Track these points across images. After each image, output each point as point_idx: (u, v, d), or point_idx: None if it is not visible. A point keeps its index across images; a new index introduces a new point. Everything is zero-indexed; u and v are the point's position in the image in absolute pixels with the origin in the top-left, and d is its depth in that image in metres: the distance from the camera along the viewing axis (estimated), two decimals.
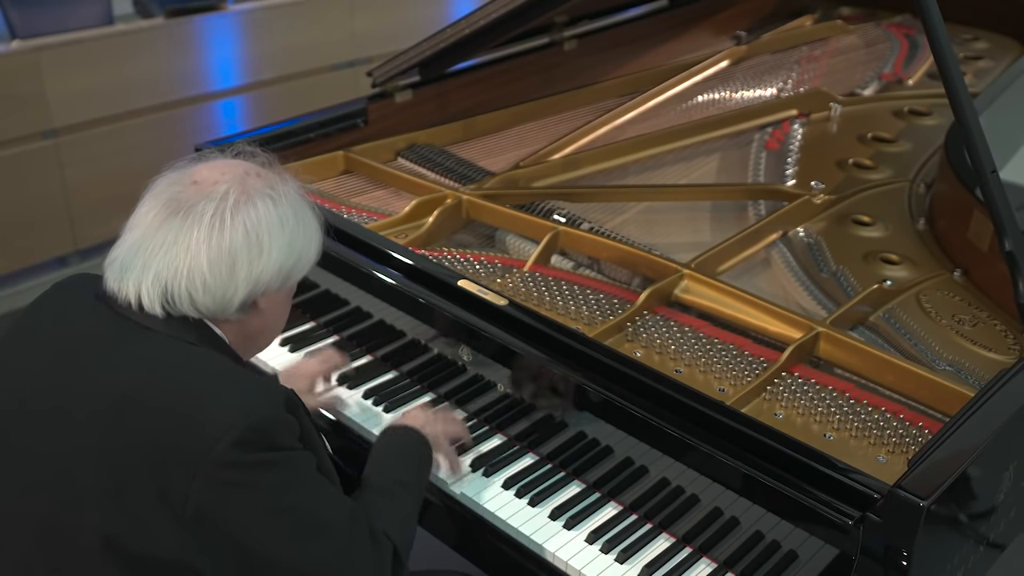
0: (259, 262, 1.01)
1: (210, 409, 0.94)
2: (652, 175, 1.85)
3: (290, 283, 1.07)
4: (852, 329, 1.38)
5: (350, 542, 1.01)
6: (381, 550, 1.04)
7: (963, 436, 1.07)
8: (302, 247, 1.06)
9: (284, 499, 0.97)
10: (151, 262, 0.99)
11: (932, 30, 1.24)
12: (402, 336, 1.46)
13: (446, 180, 1.77)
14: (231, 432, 0.92)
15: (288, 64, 3.39)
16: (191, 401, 0.95)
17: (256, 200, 1.02)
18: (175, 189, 1.01)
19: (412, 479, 1.16)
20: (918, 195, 1.78)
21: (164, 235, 0.99)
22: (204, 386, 0.97)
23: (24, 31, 2.85)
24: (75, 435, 0.98)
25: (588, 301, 1.43)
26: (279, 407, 0.98)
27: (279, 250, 1.02)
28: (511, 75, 2.09)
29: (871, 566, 1.01)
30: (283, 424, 0.97)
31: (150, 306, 1.00)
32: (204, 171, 1.03)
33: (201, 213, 0.99)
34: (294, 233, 1.04)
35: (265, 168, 1.07)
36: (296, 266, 1.06)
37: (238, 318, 1.04)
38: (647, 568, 1.15)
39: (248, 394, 0.97)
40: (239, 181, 1.02)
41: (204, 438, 0.93)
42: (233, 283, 1.00)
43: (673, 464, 1.17)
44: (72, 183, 2.95)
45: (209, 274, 0.99)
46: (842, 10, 2.64)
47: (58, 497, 0.98)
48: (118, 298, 1.01)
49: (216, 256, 0.99)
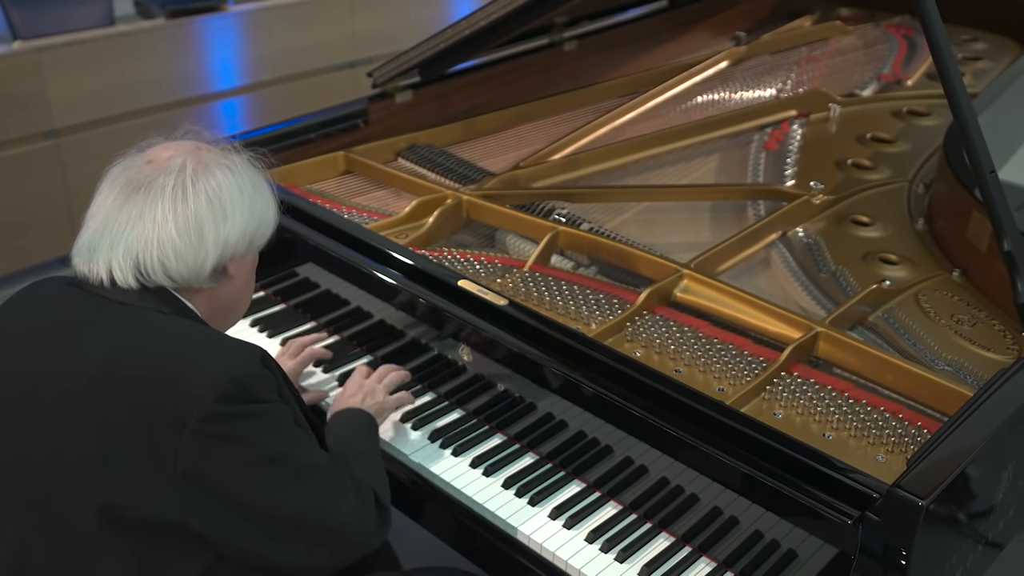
0: (224, 226, 1.05)
1: (191, 369, 0.97)
2: (652, 175, 1.85)
3: (254, 247, 1.12)
4: (851, 329, 1.39)
5: (335, 487, 1.05)
6: (364, 494, 1.08)
7: (962, 436, 1.07)
8: (262, 211, 1.11)
9: (269, 449, 1.00)
10: (119, 239, 1.02)
11: (931, 31, 1.24)
12: (402, 336, 1.46)
13: (446, 180, 1.77)
14: (214, 388, 0.96)
15: (289, 65, 3.39)
16: (172, 364, 0.98)
17: (214, 169, 1.06)
18: (130, 172, 1.05)
19: (368, 448, 1.20)
20: (917, 195, 1.79)
21: (128, 212, 1.02)
22: (183, 349, 1.00)
23: (26, 32, 2.85)
24: (59, 410, 1.00)
25: (588, 301, 1.43)
26: (257, 363, 1.01)
27: (242, 214, 1.07)
28: (511, 76, 2.09)
29: (870, 565, 1.01)
30: (262, 379, 1.01)
31: (123, 280, 1.03)
32: (156, 151, 1.08)
33: (162, 186, 1.03)
34: (253, 199, 1.09)
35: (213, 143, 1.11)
36: (259, 230, 1.10)
37: (210, 286, 1.07)
38: (647, 567, 1.15)
39: (227, 352, 1.00)
40: (193, 154, 1.07)
41: (188, 397, 0.95)
42: (204, 248, 1.04)
43: (673, 463, 1.18)
44: (73, 183, 2.96)
45: (180, 241, 1.02)
46: (841, 11, 2.64)
47: (48, 473, 0.99)
48: (89, 279, 1.04)
49: (184, 223, 1.02)
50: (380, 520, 1.10)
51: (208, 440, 0.96)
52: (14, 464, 1.02)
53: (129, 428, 0.96)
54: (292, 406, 1.08)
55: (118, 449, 0.96)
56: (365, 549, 1.10)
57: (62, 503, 0.99)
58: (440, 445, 1.33)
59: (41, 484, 1.00)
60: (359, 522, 1.07)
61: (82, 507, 0.98)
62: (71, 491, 0.98)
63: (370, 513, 1.08)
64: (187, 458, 0.95)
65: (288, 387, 1.11)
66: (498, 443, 1.33)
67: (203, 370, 0.97)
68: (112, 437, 0.97)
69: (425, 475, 1.29)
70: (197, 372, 0.97)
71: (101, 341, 1.00)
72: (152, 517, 0.97)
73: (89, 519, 0.97)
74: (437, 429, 1.36)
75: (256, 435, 0.99)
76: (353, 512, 1.06)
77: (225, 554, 1.01)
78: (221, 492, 0.98)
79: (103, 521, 0.97)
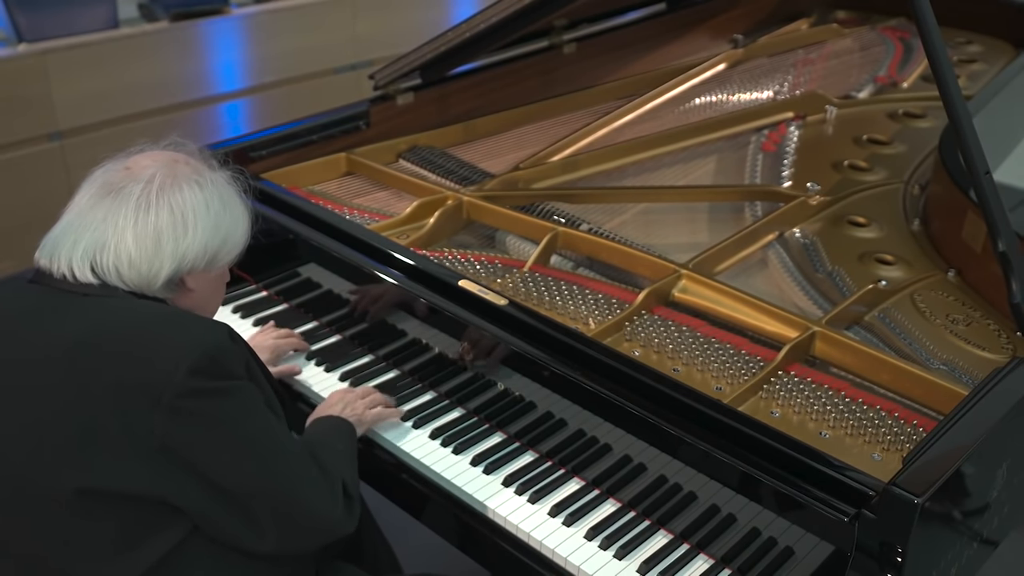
0: (184, 240, 1.07)
1: (162, 345, 0.99)
2: (650, 177, 1.86)
3: (218, 264, 1.13)
4: (847, 328, 1.40)
5: (302, 470, 1.07)
6: (332, 482, 1.10)
7: (957, 434, 1.08)
8: (228, 230, 1.12)
9: (239, 427, 1.02)
10: (81, 238, 1.05)
11: (926, 33, 1.25)
12: (403, 335, 1.47)
13: (447, 182, 1.78)
14: (186, 361, 0.97)
15: (291, 67, 3.41)
16: (142, 342, 1.00)
17: (183, 184, 1.08)
18: (108, 175, 1.09)
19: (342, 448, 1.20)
20: (913, 196, 1.80)
21: (95, 214, 1.06)
22: (152, 327, 1.02)
23: (31, 35, 2.86)
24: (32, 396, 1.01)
25: (587, 301, 1.44)
26: (226, 337, 1.03)
27: (204, 230, 1.08)
28: (511, 78, 2.10)
29: (866, 562, 1.02)
30: (232, 352, 1.03)
31: (83, 276, 1.05)
32: (137, 159, 1.11)
33: (129, 193, 1.06)
34: (219, 216, 1.10)
35: (194, 158, 1.14)
36: (222, 247, 1.11)
37: (165, 295, 1.09)
38: (645, 564, 1.16)
39: (196, 327, 1.03)
40: (167, 166, 1.09)
41: (160, 372, 0.97)
42: (159, 258, 1.06)
43: (671, 461, 1.19)
44: (77, 185, 2.95)
45: (135, 249, 1.05)
46: (838, 14, 2.65)
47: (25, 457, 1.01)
48: (52, 272, 1.07)
49: (142, 233, 1.05)
50: (348, 509, 1.11)
51: (182, 415, 0.98)
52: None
53: (103, 407, 0.98)
54: (259, 379, 1.09)
55: (93, 429, 0.98)
56: (331, 536, 1.11)
57: (40, 485, 1.00)
58: (441, 443, 1.34)
59: (18, 468, 1.01)
60: (325, 508, 1.08)
61: (60, 488, 0.99)
62: (48, 474, 0.99)
63: (338, 500, 1.10)
64: (162, 433, 0.97)
65: (255, 361, 1.12)
66: (498, 441, 1.34)
67: (173, 344, 0.99)
68: (86, 418, 0.98)
69: (426, 473, 1.30)
70: (168, 347, 0.99)
71: (69, 326, 1.02)
72: (129, 492, 0.99)
73: (67, 497, 0.99)
74: (437, 427, 1.37)
75: (227, 412, 1.01)
76: (319, 497, 1.07)
77: (201, 527, 1.03)
78: (194, 467, 0.99)
79: (81, 499, 0.99)
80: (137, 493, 0.99)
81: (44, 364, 1.01)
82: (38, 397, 1.01)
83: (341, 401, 1.31)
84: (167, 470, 0.99)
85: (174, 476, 0.99)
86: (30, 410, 1.01)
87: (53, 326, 1.03)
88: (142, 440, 0.97)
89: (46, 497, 1.00)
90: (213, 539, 1.05)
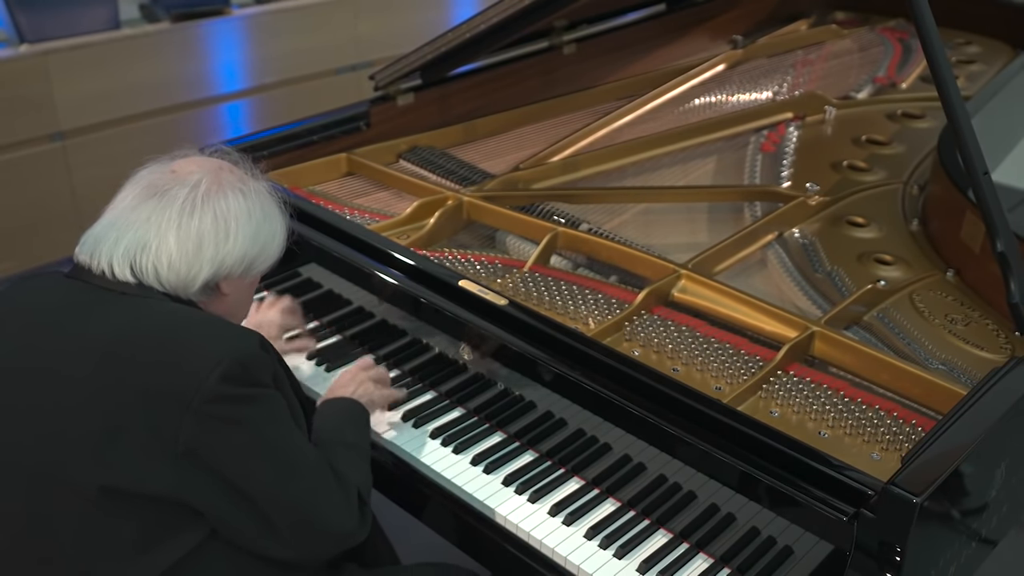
0: (225, 246, 1.08)
1: (194, 350, 1.00)
2: (650, 177, 1.87)
3: (253, 272, 1.14)
4: (846, 328, 1.40)
5: (321, 481, 1.07)
6: (347, 489, 1.10)
7: (956, 434, 1.08)
8: (266, 239, 1.13)
9: (264, 434, 1.03)
10: (123, 236, 1.06)
11: (925, 34, 1.26)
12: (403, 335, 1.48)
13: (447, 182, 1.79)
14: (218, 367, 0.98)
15: (292, 68, 3.41)
16: (174, 346, 1.01)
17: (227, 191, 1.09)
18: (154, 176, 1.10)
19: (356, 440, 1.21)
20: (912, 197, 1.80)
21: (139, 214, 1.06)
22: (184, 331, 1.03)
23: (32, 35, 2.87)
24: (62, 392, 1.02)
25: (587, 301, 1.45)
26: (256, 346, 1.04)
27: (245, 238, 1.10)
28: (511, 79, 2.11)
29: (865, 561, 1.02)
30: (261, 361, 1.04)
31: (122, 275, 1.06)
32: (182, 163, 1.12)
33: (174, 196, 1.07)
34: (260, 225, 1.12)
35: (238, 166, 1.15)
36: (260, 256, 1.13)
37: (200, 299, 1.10)
38: (645, 563, 1.16)
39: (228, 334, 1.04)
40: (213, 173, 1.11)
41: (192, 376, 0.98)
42: (198, 262, 1.07)
43: (670, 461, 1.19)
44: (79, 185, 2.98)
45: (176, 252, 1.06)
46: (837, 15, 2.66)
47: (50, 453, 1.01)
48: (91, 269, 1.07)
49: (184, 236, 1.06)
50: (362, 518, 1.12)
51: (210, 420, 0.98)
52: (16, 443, 1.04)
53: (131, 408, 0.98)
54: (285, 389, 1.10)
55: (120, 429, 0.98)
56: (345, 545, 1.12)
57: (63, 482, 1.01)
58: (441, 443, 1.34)
59: (43, 463, 1.02)
60: (340, 519, 1.09)
61: (83, 485, 1.00)
62: (73, 470, 1.00)
63: (353, 511, 1.10)
64: (189, 437, 0.98)
65: (283, 369, 1.13)
66: (498, 441, 1.35)
67: (205, 351, 1.00)
68: (114, 418, 0.99)
69: (426, 473, 1.31)
70: (200, 353, 1.00)
71: (104, 325, 1.03)
72: (152, 493, 0.99)
73: (90, 496, 1.00)
74: (438, 427, 1.37)
75: (253, 419, 1.02)
76: (335, 508, 1.08)
77: (219, 532, 1.04)
78: (217, 472, 1.00)
79: (103, 497, 1.00)
80: (159, 494, 1.00)
81: (79, 358, 1.02)
82: (69, 392, 1.01)
83: (353, 381, 1.31)
84: (190, 473, 0.99)
85: (197, 480, 1.00)
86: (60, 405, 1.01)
87: (90, 323, 1.04)
88: (168, 442, 0.98)
89: (70, 493, 1.01)
90: (231, 543, 1.05)
